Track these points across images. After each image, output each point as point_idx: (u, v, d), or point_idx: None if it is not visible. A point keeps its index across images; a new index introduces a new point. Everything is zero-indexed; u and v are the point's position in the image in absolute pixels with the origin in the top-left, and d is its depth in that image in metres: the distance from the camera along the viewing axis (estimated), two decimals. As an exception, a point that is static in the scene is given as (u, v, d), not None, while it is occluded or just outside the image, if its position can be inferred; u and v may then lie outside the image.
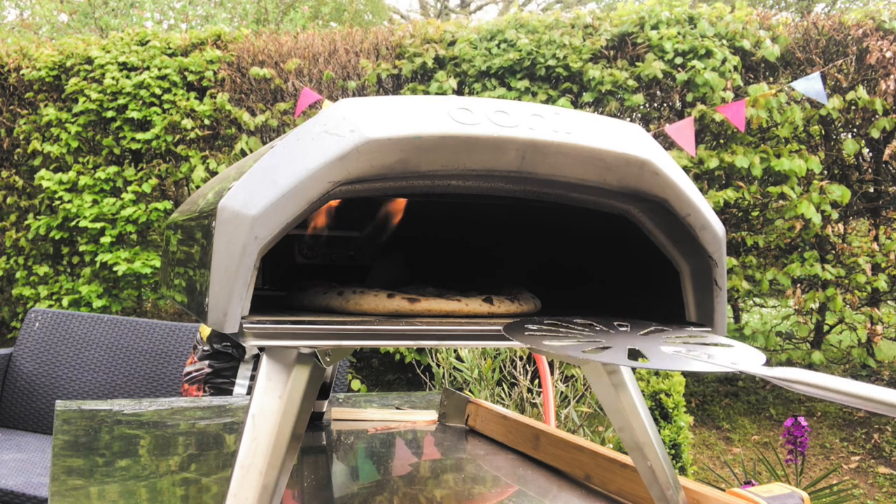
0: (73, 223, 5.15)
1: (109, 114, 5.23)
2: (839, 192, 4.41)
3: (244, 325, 0.76)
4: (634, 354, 0.78)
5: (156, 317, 5.91)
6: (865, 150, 4.99)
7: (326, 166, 0.74)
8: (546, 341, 0.81)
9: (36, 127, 5.44)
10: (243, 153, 4.97)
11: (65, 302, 5.13)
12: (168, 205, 5.17)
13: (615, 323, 0.93)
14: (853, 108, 4.66)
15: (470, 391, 3.47)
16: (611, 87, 4.66)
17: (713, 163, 4.41)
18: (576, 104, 4.81)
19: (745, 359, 0.79)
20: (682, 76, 4.56)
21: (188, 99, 5.23)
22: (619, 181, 0.87)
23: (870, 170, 4.97)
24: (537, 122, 0.83)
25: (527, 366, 3.43)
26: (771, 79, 4.84)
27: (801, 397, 4.97)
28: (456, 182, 0.84)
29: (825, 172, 4.81)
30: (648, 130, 4.45)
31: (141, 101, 5.19)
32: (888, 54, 4.49)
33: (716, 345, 0.85)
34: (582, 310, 1.16)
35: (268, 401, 0.80)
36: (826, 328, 5.04)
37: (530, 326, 0.88)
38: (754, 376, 0.75)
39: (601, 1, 15.77)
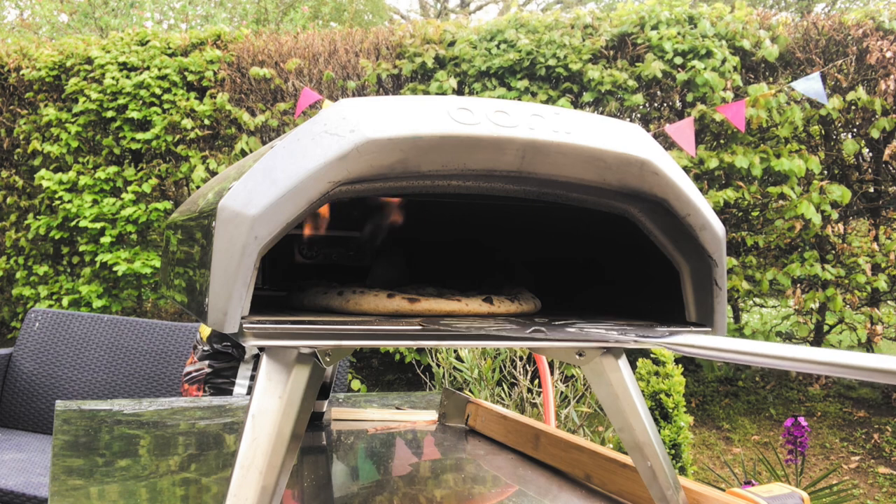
0: (73, 223, 5.15)
1: (109, 114, 5.23)
2: (839, 192, 4.41)
3: (244, 325, 0.76)
4: (537, 332, 0.84)
5: (156, 317, 5.91)
6: (865, 150, 4.99)
7: (326, 166, 0.74)
8: (453, 329, 0.86)
9: (36, 127, 5.44)
10: (243, 153, 4.97)
11: (65, 302, 5.13)
12: (168, 205, 5.17)
13: (536, 319, 0.98)
14: (853, 108, 4.66)
15: (470, 391, 3.47)
16: (611, 87, 4.65)
17: (713, 163, 4.41)
18: (576, 104, 4.81)
19: (647, 333, 0.86)
20: (682, 76, 4.56)
21: (188, 99, 5.23)
22: (619, 181, 0.87)
23: (870, 170, 4.97)
24: (537, 122, 0.83)
25: (527, 366, 3.43)
26: (771, 79, 4.84)
27: (802, 397, 4.97)
28: (456, 182, 0.84)
29: (825, 172, 4.81)
30: (648, 130, 4.45)
31: (141, 101, 5.19)
32: (888, 54, 4.49)
33: (633, 328, 0.90)
34: (583, 310, 1.16)
35: (268, 401, 0.80)
36: (826, 328, 5.04)
37: (447, 321, 0.92)
38: (663, 348, 0.80)
39: (601, 1, 15.76)
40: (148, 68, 5.26)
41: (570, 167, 0.84)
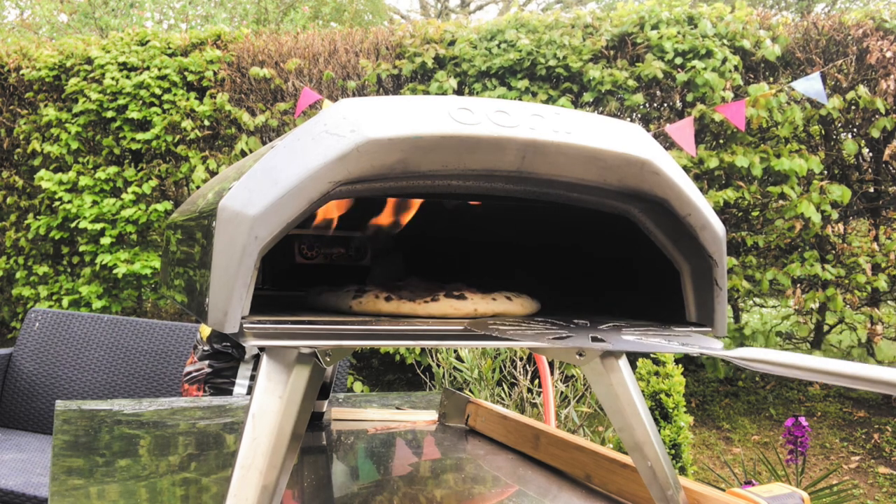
0: (73, 223, 5.15)
1: (109, 114, 5.23)
2: (839, 192, 4.41)
3: (244, 325, 0.76)
4: (597, 340, 0.82)
5: (156, 317, 5.91)
6: (865, 150, 4.99)
7: (327, 166, 0.74)
8: (511, 334, 0.83)
9: (36, 127, 5.44)
10: (243, 153, 4.97)
11: (65, 302, 5.13)
12: (168, 205, 5.17)
13: (574, 320, 0.97)
14: (853, 108, 4.66)
15: (470, 391, 3.47)
16: (611, 87, 4.65)
17: (713, 163, 4.40)
18: (576, 104, 4.81)
19: (705, 344, 0.84)
20: (682, 76, 4.56)
21: (188, 99, 5.23)
22: (620, 181, 0.87)
23: (870, 170, 4.97)
24: (537, 122, 0.83)
25: (527, 366, 3.43)
26: (771, 79, 4.84)
27: (802, 397, 4.97)
28: (456, 182, 0.84)
29: (825, 172, 4.81)
30: (648, 130, 4.45)
31: (141, 102, 5.19)
32: (888, 54, 4.49)
33: (675, 334, 0.87)
34: (580, 309, 1.16)
35: (268, 401, 0.80)
36: (826, 328, 5.04)
37: (494, 324, 0.90)
38: (723, 360, 0.79)
39: (601, 1, 15.76)
40: (148, 68, 5.26)
41: (570, 167, 0.84)
